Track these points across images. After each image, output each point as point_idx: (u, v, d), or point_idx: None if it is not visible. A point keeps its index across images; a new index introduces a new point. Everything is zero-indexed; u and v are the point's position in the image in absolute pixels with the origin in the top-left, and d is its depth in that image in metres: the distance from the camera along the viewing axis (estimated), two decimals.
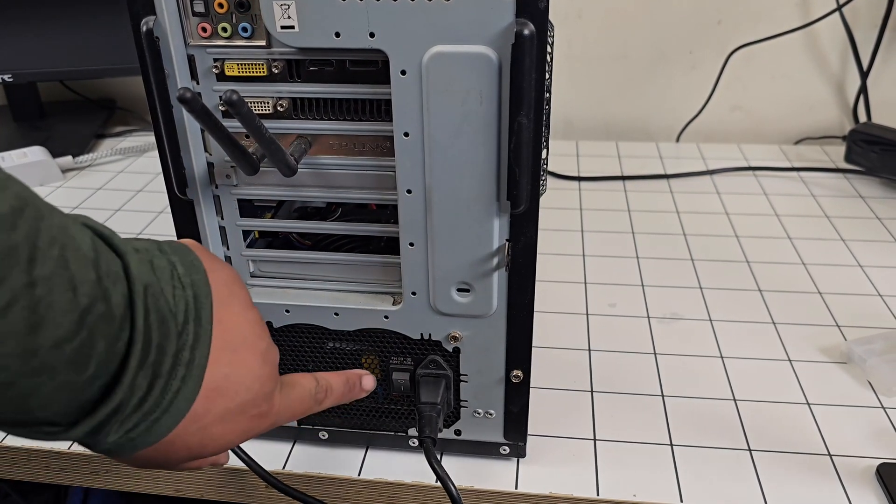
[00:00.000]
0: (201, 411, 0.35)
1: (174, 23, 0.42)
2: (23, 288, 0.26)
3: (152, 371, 0.32)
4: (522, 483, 0.54)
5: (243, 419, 0.38)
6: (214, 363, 0.35)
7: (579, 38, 1.11)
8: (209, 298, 0.35)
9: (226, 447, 0.37)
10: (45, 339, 0.27)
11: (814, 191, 0.96)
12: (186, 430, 0.34)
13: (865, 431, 0.58)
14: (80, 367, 0.29)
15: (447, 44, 0.40)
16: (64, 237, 0.28)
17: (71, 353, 0.28)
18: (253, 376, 0.37)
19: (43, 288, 0.27)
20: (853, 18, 1.05)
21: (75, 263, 0.28)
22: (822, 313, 0.72)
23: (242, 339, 0.37)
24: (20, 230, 0.26)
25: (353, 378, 0.48)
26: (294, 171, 0.44)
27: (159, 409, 0.32)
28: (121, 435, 0.32)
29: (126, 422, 0.32)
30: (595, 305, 0.74)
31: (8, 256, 0.26)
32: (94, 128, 1.16)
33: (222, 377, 0.35)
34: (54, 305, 0.27)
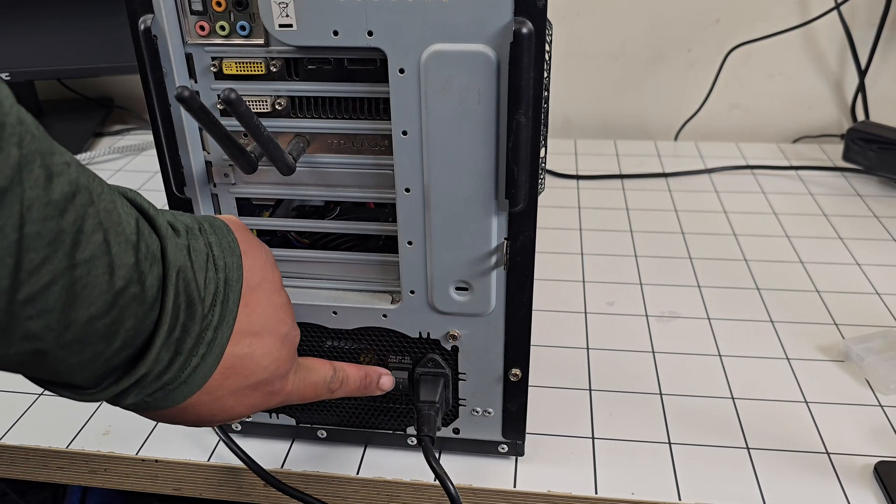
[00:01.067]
0: (216, 386, 0.36)
1: (172, 21, 0.42)
2: (64, 270, 0.28)
3: (175, 348, 0.34)
4: (521, 481, 0.54)
5: (255, 395, 0.39)
6: (235, 343, 0.37)
7: (578, 36, 1.11)
8: (239, 283, 0.37)
9: (234, 418, 0.39)
10: (80, 315, 0.29)
11: (812, 189, 0.96)
12: (200, 400, 0.36)
13: (863, 429, 0.58)
14: (109, 341, 0.31)
15: (445, 42, 0.40)
16: (109, 221, 0.30)
17: (101, 328, 0.30)
18: (270, 358, 0.39)
19: (83, 269, 0.28)
20: (851, 17, 1.05)
21: (116, 247, 0.30)
22: (820, 312, 0.72)
23: (265, 322, 0.39)
24: (68, 216, 0.28)
25: (372, 375, 0.49)
26: (292, 169, 0.44)
27: (177, 381, 0.34)
28: (139, 399, 0.34)
29: (145, 389, 0.34)
30: (593, 304, 0.74)
31: (54, 240, 0.27)
32: (91, 126, 1.15)
33: (240, 357, 0.37)
34: (91, 286, 0.29)
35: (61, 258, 0.28)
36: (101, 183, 0.31)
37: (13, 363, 0.29)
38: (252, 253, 0.39)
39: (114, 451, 0.57)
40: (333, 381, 0.46)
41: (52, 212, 0.27)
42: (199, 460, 0.57)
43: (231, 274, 0.36)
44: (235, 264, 0.37)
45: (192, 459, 0.57)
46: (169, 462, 0.57)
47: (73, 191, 0.28)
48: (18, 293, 0.27)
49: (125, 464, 0.57)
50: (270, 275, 0.40)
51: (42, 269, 0.27)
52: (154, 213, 0.34)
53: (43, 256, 0.27)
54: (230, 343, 0.36)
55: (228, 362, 0.36)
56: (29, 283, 0.27)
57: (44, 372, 0.31)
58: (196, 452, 0.57)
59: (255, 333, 0.38)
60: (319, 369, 0.45)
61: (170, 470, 0.57)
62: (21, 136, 0.26)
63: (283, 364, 0.40)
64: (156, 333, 0.33)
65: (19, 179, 0.26)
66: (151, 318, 0.32)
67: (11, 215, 0.26)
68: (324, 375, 0.45)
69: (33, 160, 0.27)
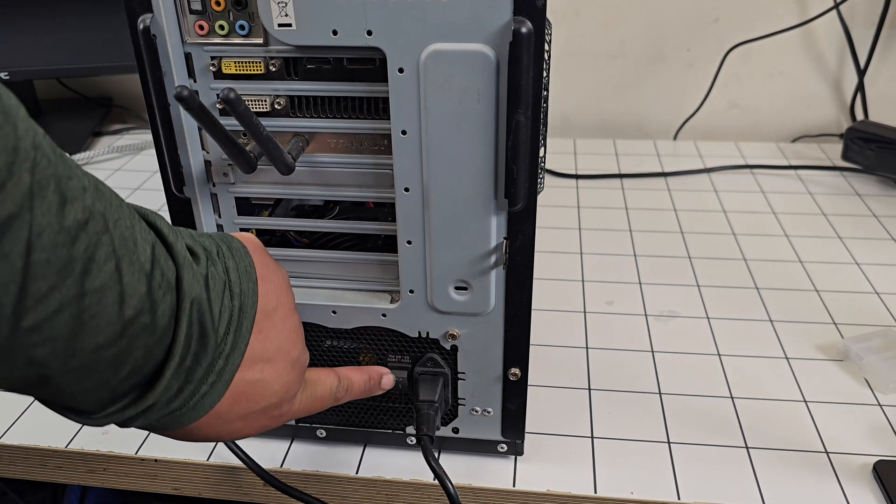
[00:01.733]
0: (224, 410, 0.36)
1: (171, 20, 0.42)
2: (72, 298, 0.27)
3: (185, 377, 0.33)
4: (520, 481, 0.54)
5: (263, 418, 0.39)
6: (246, 370, 0.36)
7: (577, 35, 1.11)
8: (254, 309, 0.36)
9: (240, 438, 0.39)
10: (87, 344, 0.28)
11: (811, 188, 0.96)
12: (207, 423, 0.36)
13: (862, 429, 0.58)
14: (116, 369, 0.30)
15: (445, 42, 0.40)
16: (123, 249, 0.29)
17: (109, 357, 0.30)
18: (281, 383, 0.39)
19: (92, 298, 0.28)
20: (850, 16, 1.05)
21: (129, 276, 0.29)
22: (819, 311, 0.72)
23: (277, 347, 0.38)
24: (80, 243, 0.27)
25: (374, 376, 0.49)
26: (291, 169, 0.44)
27: (185, 407, 0.34)
28: (146, 423, 0.34)
29: (152, 415, 0.33)
30: (592, 303, 0.74)
31: (63, 268, 0.27)
32: (90, 126, 1.15)
33: (251, 383, 0.37)
34: (100, 315, 0.28)
35: (70, 286, 0.27)
36: (119, 207, 0.30)
37: (17, 386, 0.29)
38: (269, 277, 0.39)
39: (113, 450, 0.57)
40: (339, 391, 0.46)
41: (64, 239, 0.27)
42: (198, 460, 0.57)
43: (246, 300, 0.36)
44: (251, 290, 0.36)
45: (192, 459, 0.57)
46: (168, 461, 0.57)
47: (87, 217, 0.28)
48: (23, 320, 0.26)
49: (124, 463, 0.57)
50: (285, 298, 0.40)
51: (49, 298, 0.26)
52: (173, 238, 0.33)
53: (51, 284, 0.26)
54: (241, 369, 0.36)
55: (239, 388, 0.36)
56: (35, 311, 0.26)
57: (48, 395, 0.30)
58: (195, 452, 0.57)
59: (266, 360, 0.37)
60: (325, 381, 0.45)
61: (169, 469, 0.57)
62: (36, 161, 0.26)
63: (292, 387, 0.40)
64: (166, 364, 0.32)
65: (29, 206, 0.25)
66: (162, 348, 0.32)
67: (18, 242, 0.25)
68: (329, 386, 0.45)
69: (47, 185, 0.26)
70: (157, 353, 0.32)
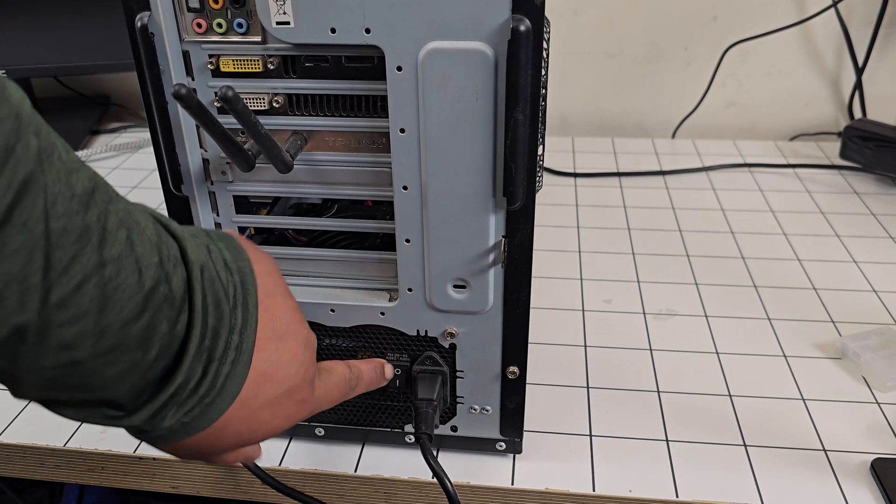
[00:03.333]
0: (250, 396, 0.35)
1: (169, 18, 0.42)
2: (94, 267, 0.27)
3: (207, 355, 0.33)
4: (518, 479, 0.54)
5: (289, 403, 0.38)
6: (262, 349, 0.36)
7: (575, 34, 1.11)
8: (255, 286, 0.36)
9: (272, 433, 0.38)
10: (114, 320, 0.28)
11: (809, 187, 0.97)
12: (237, 414, 0.35)
13: (860, 427, 0.58)
14: (144, 348, 0.30)
15: (443, 40, 0.40)
16: (130, 221, 0.29)
17: (136, 334, 0.29)
18: (298, 362, 0.38)
19: (112, 268, 0.28)
20: (848, 15, 1.05)
21: (140, 246, 0.29)
22: (817, 309, 0.72)
23: (286, 326, 0.38)
24: (92, 212, 0.27)
25: (378, 367, 0.50)
26: (290, 167, 0.44)
27: (213, 392, 0.33)
28: (177, 419, 0.33)
29: (183, 405, 0.33)
30: (591, 302, 0.74)
31: (81, 237, 0.27)
32: (88, 124, 1.15)
33: (269, 363, 0.36)
34: (122, 286, 0.28)
35: (90, 255, 0.27)
36: (111, 187, 0.30)
37: (49, 380, 0.29)
38: (260, 259, 0.38)
39: (111, 449, 0.57)
40: (352, 378, 0.46)
41: (77, 206, 0.27)
42: None
43: (246, 277, 0.36)
44: (247, 268, 0.36)
45: None
46: (166, 460, 0.57)
47: (93, 186, 0.28)
48: (51, 294, 0.26)
49: (122, 462, 0.57)
50: (280, 280, 0.40)
51: (72, 268, 0.26)
52: (167, 220, 0.34)
53: (72, 255, 0.26)
54: (257, 349, 0.35)
55: (259, 369, 0.36)
56: (60, 284, 0.26)
57: (79, 389, 0.30)
58: None
59: (279, 338, 0.37)
60: (338, 369, 0.45)
61: (167, 468, 0.57)
62: (38, 126, 0.26)
63: (309, 368, 0.40)
64: (189, 337, 0.32)
65: (41, 169, 0.25)
66: (183, 322, 0.32)
67: (36, 208, 0.25)
68: (343, 374, 0.45)
69: (52, 151, 0.26)
70: (179, 328, 0.32)
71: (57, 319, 0.27)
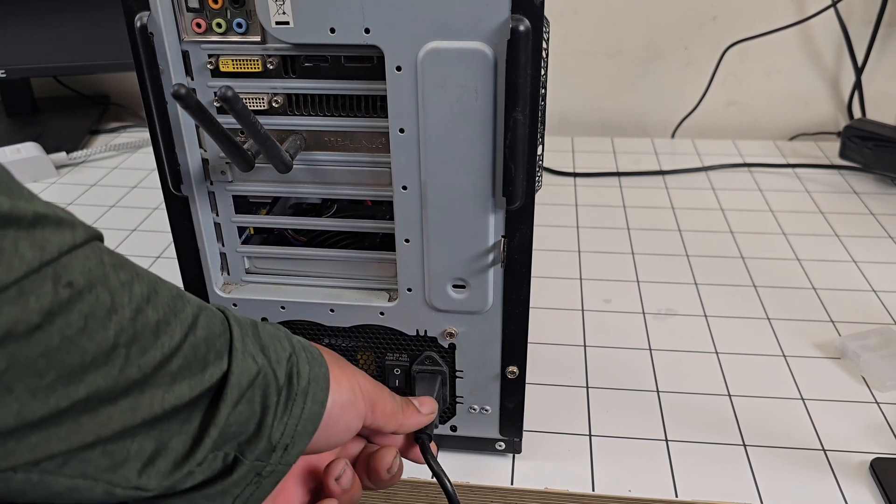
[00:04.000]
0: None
1: (168, 18, 0.42)
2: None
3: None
4: (518, 478, 0.54)
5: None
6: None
7: (575, 33, 1.11)
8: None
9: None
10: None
11: (808, 187, 0.97)
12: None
13: (859, 426, 0.58)
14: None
15: (442, 40, 0.40)
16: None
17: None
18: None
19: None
20: (848, 14, 1.05)
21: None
22: (817, 309, 0.72)
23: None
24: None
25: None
26: (289, 167, 0.44)
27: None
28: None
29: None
30: (590, 301, 0.74)
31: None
32: (88, 124, 1.15)
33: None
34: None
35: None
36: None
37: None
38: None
39: None
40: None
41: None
42: None
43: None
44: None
45: None
46: None
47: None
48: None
49: None
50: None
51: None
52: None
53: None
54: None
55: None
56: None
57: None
58: None
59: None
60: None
61: None
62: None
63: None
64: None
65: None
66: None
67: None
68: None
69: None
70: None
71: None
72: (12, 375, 0.24)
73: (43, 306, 0.24)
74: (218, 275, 0.51)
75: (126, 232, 0.87)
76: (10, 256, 0.24)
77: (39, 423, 0.26)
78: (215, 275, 0.51)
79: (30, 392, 0.25)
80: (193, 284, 0.51)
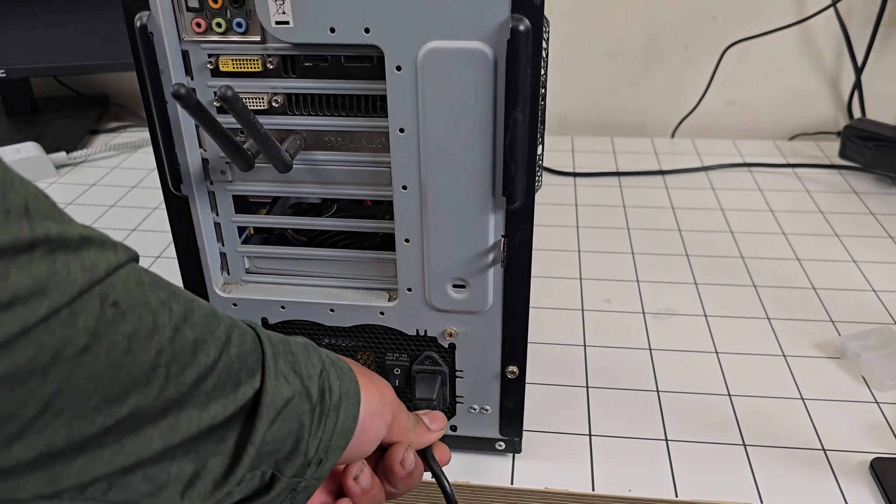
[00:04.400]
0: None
1: (168, 18, 0.42)
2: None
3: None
4: (518, 478, 0.54)
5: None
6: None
7: (575, 33, 1.11)
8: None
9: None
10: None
11: (808, 186, 0.97)
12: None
13: (859, 426, 0.58)
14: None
15: (442, 39, 0.40)
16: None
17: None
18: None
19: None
20: (847, 14, 1.05)
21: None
22: (817, 309, 0.72)
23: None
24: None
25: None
26: (289, 167, 0.44)
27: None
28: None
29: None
30: (590, 301, 0.74)
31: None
32: (87, 123, 1.15)
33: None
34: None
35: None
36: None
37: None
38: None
39: None
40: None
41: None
42: None
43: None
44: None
45: None
46: None
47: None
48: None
49: None
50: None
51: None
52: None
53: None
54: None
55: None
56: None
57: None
58: None
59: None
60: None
61: None
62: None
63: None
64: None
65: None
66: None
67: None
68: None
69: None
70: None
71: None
72: (62, 398, 0.24)
73: (90, 327, 0.25)
74: (218, 274, 0.51)
75: (126, 232, 0.87)
76: (63, 279, 0.24)
77: (86, 444, 0.26)
78: (215, 274, 0.51)
79: (77, 414, 0.25)
80: (193, 284, 0.51)
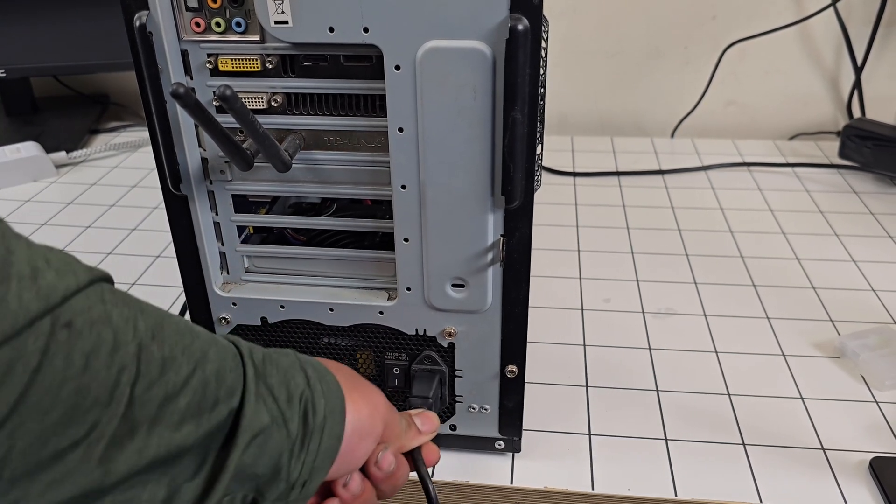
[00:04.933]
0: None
1: (167, 18, 0.42)
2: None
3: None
4: (518, 477, 0.54)
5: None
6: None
7: (574, 33, 1.11)
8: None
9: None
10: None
11: (808, 186, 0.97)
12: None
13: (858, 425, 0.58)
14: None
15: (441, 39, 0.40)
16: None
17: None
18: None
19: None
20: (847, 14, 1.05)
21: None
22: (816, 308, 0.72)
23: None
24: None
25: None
26: (288, 166, 0.44)
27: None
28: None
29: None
30: (590, 301, 0.74)
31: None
32: (87, 123, 1.15)
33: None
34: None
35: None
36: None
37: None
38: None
39: None
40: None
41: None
42: None
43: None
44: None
45: None
46: None
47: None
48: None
49: None
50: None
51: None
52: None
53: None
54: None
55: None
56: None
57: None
58: None
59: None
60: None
61: None
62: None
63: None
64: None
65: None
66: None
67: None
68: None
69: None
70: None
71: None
72: (17, 418, 0.24)
73: (40, 346, 0.24)
74: (217, 274, 0.51)
75: (126, 231, 0.87)
76: (14, 309, 0.24)
77: (47, 464, 0.25)
78: (215, 274, 0.51)
79: (36, 434, 0.25)
80: (193, 284, 0.51)
